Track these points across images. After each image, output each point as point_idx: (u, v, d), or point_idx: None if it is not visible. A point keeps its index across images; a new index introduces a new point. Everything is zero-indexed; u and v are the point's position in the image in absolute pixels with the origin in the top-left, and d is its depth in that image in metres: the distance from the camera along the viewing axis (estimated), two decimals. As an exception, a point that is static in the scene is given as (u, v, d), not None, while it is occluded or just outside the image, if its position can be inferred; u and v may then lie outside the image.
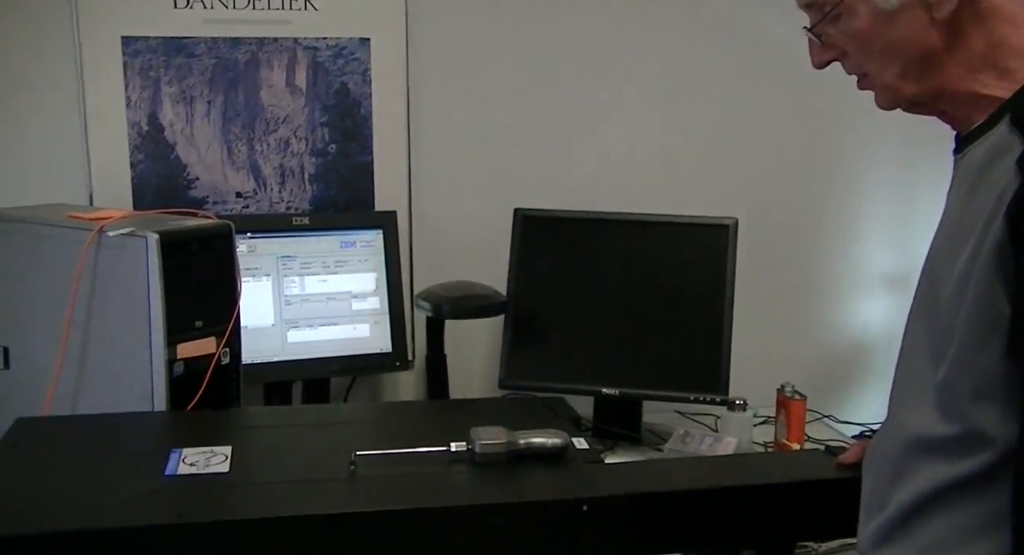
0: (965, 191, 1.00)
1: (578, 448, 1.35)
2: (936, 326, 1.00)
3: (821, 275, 2.31)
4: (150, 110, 1.94)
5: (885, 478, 1.06)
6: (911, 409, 1.04)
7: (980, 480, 0.96)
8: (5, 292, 1.65)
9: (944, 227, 1.05)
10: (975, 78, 1.03)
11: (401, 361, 2.00)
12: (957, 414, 0.96)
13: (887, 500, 1.05)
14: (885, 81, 1.07)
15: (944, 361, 0.98)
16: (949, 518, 0.99)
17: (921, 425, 1.01)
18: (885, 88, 1.08)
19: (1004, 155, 0.95)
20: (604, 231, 1.99)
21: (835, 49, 1.09)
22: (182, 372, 1.47)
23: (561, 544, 1.21)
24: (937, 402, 0.99)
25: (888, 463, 1.07)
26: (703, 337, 1.92)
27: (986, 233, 0.93)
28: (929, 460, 1.00)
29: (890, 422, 1.09)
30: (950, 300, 0.97)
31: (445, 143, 2.10)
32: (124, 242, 1.46)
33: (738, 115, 2.21)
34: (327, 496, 1.20)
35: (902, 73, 1.05)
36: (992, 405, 0.94)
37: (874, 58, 1.06)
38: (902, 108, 1.10)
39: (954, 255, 0.98)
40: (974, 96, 1.03)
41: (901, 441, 1.04)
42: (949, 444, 0.98)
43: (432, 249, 2.11)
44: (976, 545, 0.97)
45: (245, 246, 1.86)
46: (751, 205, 2.13)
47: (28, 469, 1.26)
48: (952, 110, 1.06)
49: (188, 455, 1.27)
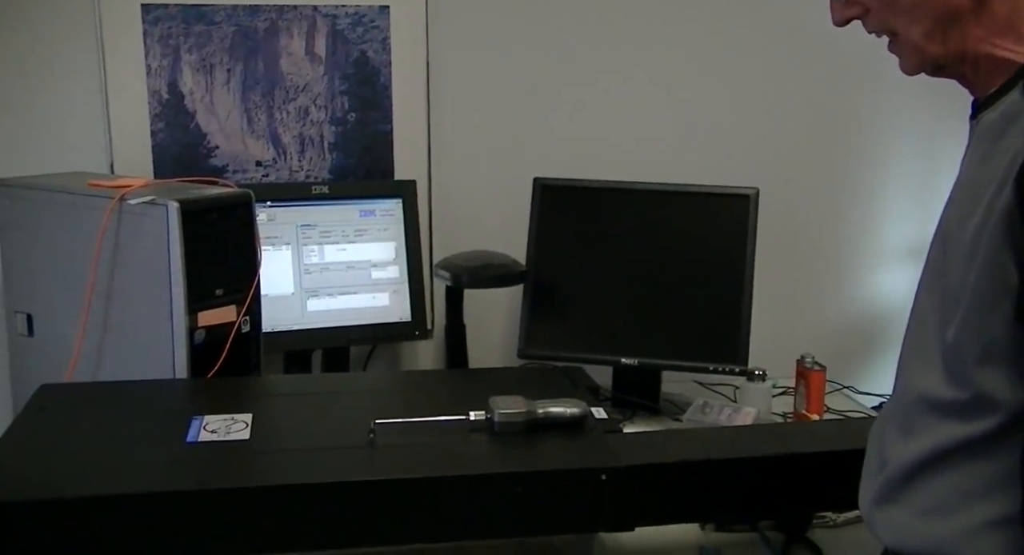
0: (979, 156, 1.00)
1: (597, 418, 1.35)
2: (946, 291, 1.00)
3: (842, 245, 2.30)
4: (170, 78, 1.93)
5: (889, 438, 1.07)
6: (919, 372, 1.04)
7: (985, 442, 0.96)
8: (28, 260, 1.66)
9: (957, 193, 1.05)
10: (995, 42, 1.01)
11: (420, 330, 2.01)
12: (964, 378, 0.96)
13: (889, 460, 1.05)
14: (912, 40, 1.05)
15: (951, 325, 0.97)
16: (951, 479, 0.99)
17: (928, 387, 1.01)
18: (912, 49, 1.06)
19: (1017, 120, 0.95)
20: (624, 201, 1.98)
21: (858, 5, 1.07)
22: (203, 340, 1.48)
23: (579, 513, 1.21)
24: (945, 366, 0.99)
25: (892, 424, 1.07)
26: (723, 307, 1.92)
27: (996, 198, 0.93)
28: (934, 421, 1.00)
29: (898, 387, 1.10)
30: (960, 265, 0.97)
31: (465, 112, 2.09)
32: (145, 210, 1.47)
33: (759, 85, 2.19)
34: (347, 464, 1.20)
35: (928, 33, 1.03)
36: (999, 370, 0.94)
37: (901, 16, 1.04)
38: (927, 72, 1.08)
39: (965, 221, 0.98)
40: (993, 60, 1.02)
41: (907, 402, 1.04)
42: (955, 407, 0.98)
43: (451, 218, 2.11)
44: (978, 506, 0.97)
45: (265, 215, 1.87)
46: (772, 175, 2.11)
47: (52, 435, 1.28)
48: (972, 74, 1.05)
49: (209, 422, 1.29)
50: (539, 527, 1.23)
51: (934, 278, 1.05)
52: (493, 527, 1.21)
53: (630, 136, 2.16)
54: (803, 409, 1.94)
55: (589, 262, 1.98)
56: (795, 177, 2.23)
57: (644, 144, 2.16)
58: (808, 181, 2.24)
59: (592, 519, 1.22)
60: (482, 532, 1.21)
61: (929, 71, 1.08)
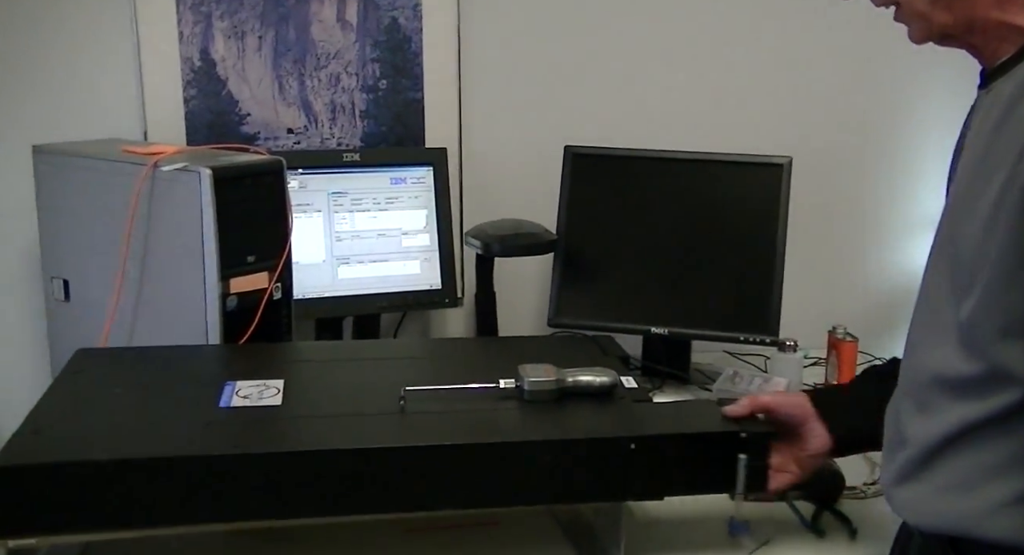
0: (991, 126, 0.98)
1: (626, 387, 1.35)
2: (957, 265, 0.99)
3: (877, 214, 2.27)
4: (202, 45, 1.94)
5: (906, 416, 1.06)
6: (932, 349, 1.03)
7: (1005, 418, 0.95)
8: (64, 226, 1.68)
9: (967, 164, 1.03)
10: (1005, 7, 1.00)
11: (450, 298, 2.01)
12: (981, 353, 0.96)
13: (908, 438, 1.05)
14: (917, 9, 1.04)
15: (967, 300, 0.96)
16: (972, 457, 0.98)
17: (944, 365, 1.00)
18: (917, 16, 1.05)
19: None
20: (655, 169, 1.96)
21: None
22: (235, 306, 1.49)
23: (608, 482, 1.22)
24: (960, 341, 0.98)
25: (908, 400, 1.06)
26: (754, 277, 1.91)
27: (1016, 169, 0.91)
28: (952, 399, 0.99)
29: (909, 364, 1.09)
30: (974, 238, 0.96)
31: (496, 79, 2.08)
32: (178, 177, 1.47)
33: (793, 52, 2.16)
34: (377, 430, 1.21)
35: (935, 0, 1.02)
36: (1019, 343, 0.93)
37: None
38: (934, 41, 1.07)
39: (979, 192, 0.96)
40: (1003, 26, 1.00)
41: (922, 381, 1.04)
42: (973, 383, 0.97)
43: (482, 186, 2.10)
44: (999, 482, 0.97)
45: (296, 182, 1.87)
46: (805, 144, 2.09)
47: (88, 398, 1.29)
48: (981, 42, 1.04)
49: (242, 388, 1.30)
50: (568, 495, 1.24)
51: (944, 253, 1.03)
52: (521, 495, 1.21)
53: (662, 104, 2.14)
54: (834, 380, 1.93)
55: (620, 231, 1.97)
56: (829, 145, 2.20)
57: (676, 112, 2.14)
58: (842, 149, 2.22)
59: (621, 488, 1.22)
60: (510, 500, 1.22)
61: (936, 40, 1.07)
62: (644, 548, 1.33)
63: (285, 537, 1.32)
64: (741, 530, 1.39)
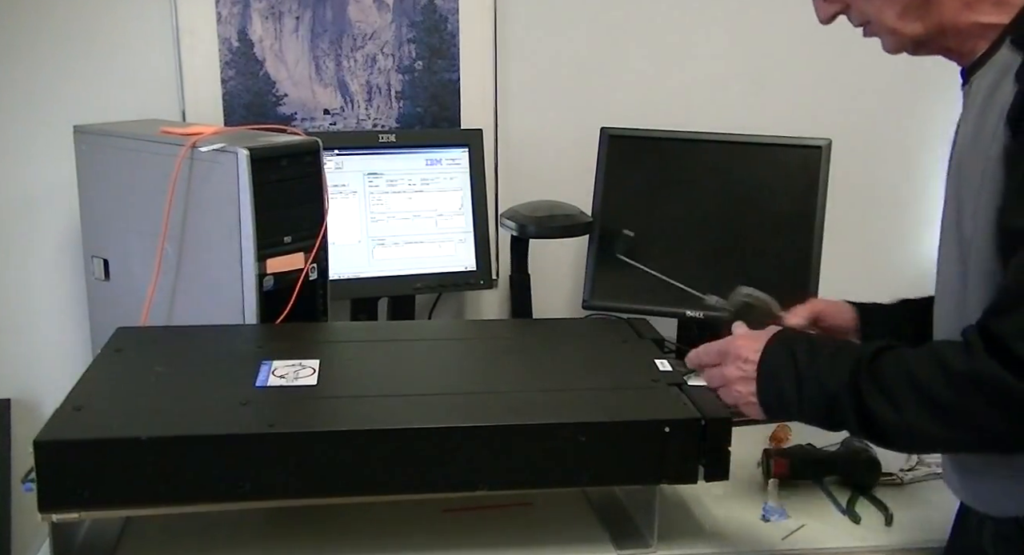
0: (974, 116, 1.04)
1: (661, 370, 1.35)
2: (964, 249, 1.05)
3: (916, 198, 2.24)
4: (240, 26, 1.94)
5: None
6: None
7: None
8: (105, 206, 1.69)
9: (959, 153, 1.09)
10: (974, 8, 1.05)
11: (485, 279, 2.01)
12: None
13: None
14: (887, 25, 1.10)
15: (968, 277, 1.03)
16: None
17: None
18: (888, 32, 1.11)
19: (1008, 73, 0.99)
20: (692, 151, 1.95)
21: (838, 1, 1.14)
22: (272, 286, 1.50)
23: (642, 465, 1.22)
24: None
25: None
26: (791, 260, 1.89)
27: (991, 145, 0.98)
28: None
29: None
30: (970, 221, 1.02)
31: (532, 61, 2.07)
32: (215, 157, 1.48)
33: (834, 31, 2.12)
34: (412, 411, 1.22)
35: (902, 14, 1.07)
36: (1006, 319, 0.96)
37: (873, 2, 1.09)
38: (908, 52, 1.12)
39: (971, 176, 1.03)
40: (976, 27, 1.06)
41: None
42: None
43: (518, 168, 2.10)
44: None
45: (332, 163, 1.88)
46: (845, 126, 2.06)
47: (128, 376, 1.31)
48: (957, 45, 1.09)
49: (278, 367, 1.31)
50: (602, 478, 1.24)
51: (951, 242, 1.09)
52: (556, 477, 1.22)
53: (699, 86, 2.12)
54: (872, 365, 1.91)
55: (656, 213, 1.96)
56: (869, 127, 2.17)
57: (713, 94, 2.12)
58: (882, 132, 2.18)
59: (655, 471, 1.22)
60: (545, 481, 1.22)
61: (910, 50, 1.12)
62: (678, 531, 1.33)
63: (322, 515, 1.33)
64: (776, 514, 1.38)
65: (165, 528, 1.30)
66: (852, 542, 1.35)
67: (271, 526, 1.33)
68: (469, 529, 1.33)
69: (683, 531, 1.34)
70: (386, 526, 1.32)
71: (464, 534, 1.32)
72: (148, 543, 1.29)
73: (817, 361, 1.07)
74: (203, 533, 1.30)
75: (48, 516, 1.12)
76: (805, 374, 1.07)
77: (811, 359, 1.08)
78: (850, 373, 1.03)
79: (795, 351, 1.10)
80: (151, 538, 1.29)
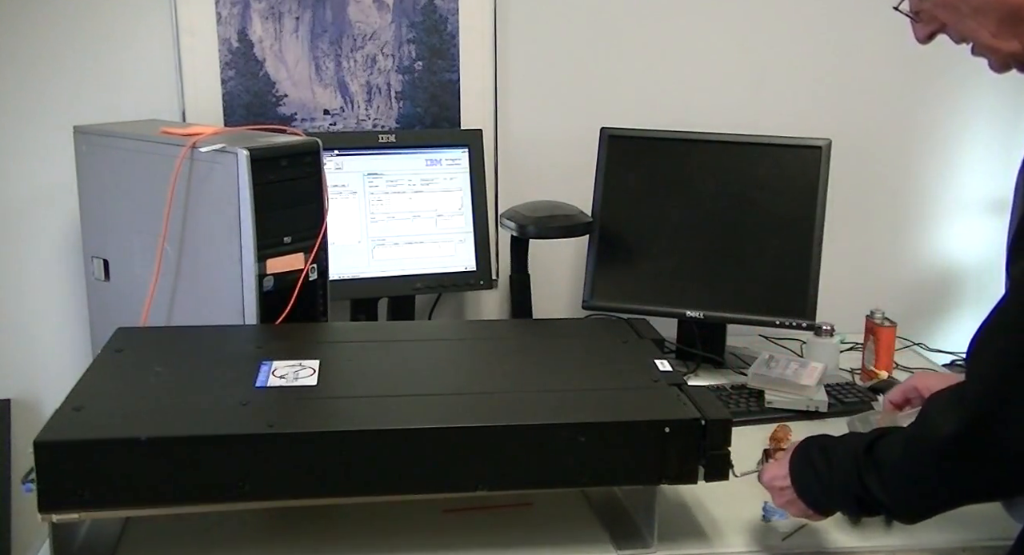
0: None
1: (661, 370, 1.35)
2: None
3: (916, 198, 2.24)
4: (240, 26, 1.94)
5: None
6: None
7: None
8: (105, 206, 1.69)
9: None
10: None
11: (485, 280, 2.01)
12: None
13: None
14: (984, 43, 1.08)
15: None
16: None
17: None
18: (988, 50, 1.10)
19: None
20: (692, 151, 1.95)
21: (934, 22, 1.13)
22: (272, 286, 1.50)
23: (642, 465, 1.22)
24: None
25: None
26: (791, 260, 1.89)
27: None
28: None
29: None
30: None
31: (532, 61, 2.07)
32: (215, 158, 1.48)
33: (834, 32, 2.13)
34: (412, 411, 1.22)
35: (996, 32, 1.06)
36: None
37: (967, 22, 1.08)
38: (1018, 69, 1.10)
39: None
40: None
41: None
42: None
43: (517, 168, 2.10)
44: None
45: (332, 163, 1.88)
46: (844, 126, 2.07)
47: (128, 377, 1.31)
48: None
49: (278, 368, 1.31)
50: (602, 478, 1.24)
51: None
52: (556, 477, 1.22)
53: (699, 86, 2.12)
54: (872, 365, 1.91)
55: (656, 213, 1.96)
56: (869, 127, 2.17)
57: (713, 94, 2.12)
58: (882, 132, 2.19)
59: (655, 471, 1.22)
60: (545, 482, 1.22)
61: (1017, 67, 1.10)
62: (678, 531, 1.33)
63: (322, 515, 1.33)
64: (776, 514, 1.38)
65: (165, 528, 1.30)
66: (852, 542, 1.35)
67: (271, 526, 1.33)
68: (469, 529, 1.33)
69: (683, 531, 1.34)
70: (386, 526, 1.32)
71: (464, 534, 1.32)
72: (148, 543, 1.29)
73: (832, 463, 1.16)
74: (203, 533, 1.30)
75: (48, 516, 1.12)
76: (827, 481, 1.16)
77: (828, 464, 1.16)
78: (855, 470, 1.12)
79: (812, 460, 1.18)
80: (151, 538, 1.29)
